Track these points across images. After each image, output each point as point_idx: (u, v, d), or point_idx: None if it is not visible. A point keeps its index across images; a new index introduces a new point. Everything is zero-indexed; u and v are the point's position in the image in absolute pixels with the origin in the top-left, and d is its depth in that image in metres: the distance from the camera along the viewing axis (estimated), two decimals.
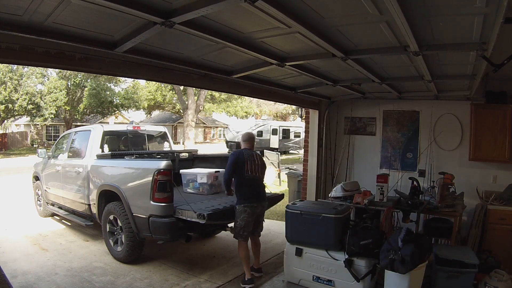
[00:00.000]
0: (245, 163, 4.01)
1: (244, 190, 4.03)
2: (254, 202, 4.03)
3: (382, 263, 3.38)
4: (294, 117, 39.31)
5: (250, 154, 4.10)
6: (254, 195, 4.07)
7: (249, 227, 4.03)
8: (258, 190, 4.12)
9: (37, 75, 23.12)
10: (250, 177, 4.02)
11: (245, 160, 4.03)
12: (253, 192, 4.07)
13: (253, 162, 4.06)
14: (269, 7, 1.93)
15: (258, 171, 4.09)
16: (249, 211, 4.00)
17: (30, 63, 3.01)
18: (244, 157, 4.04)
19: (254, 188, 4.07)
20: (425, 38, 2.59)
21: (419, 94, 5.18)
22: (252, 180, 4.05)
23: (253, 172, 4.04)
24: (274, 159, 12.08)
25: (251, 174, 4.03)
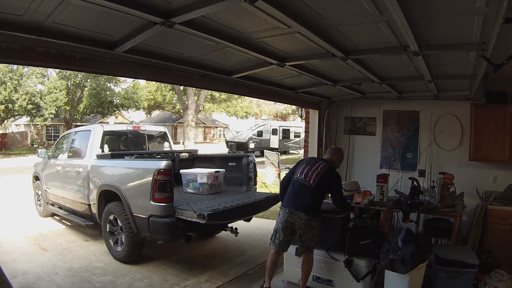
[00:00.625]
0: (300, 165, 3.72)
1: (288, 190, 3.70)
2: (286, 206, 3.57)
3: (382, 263, 3.38)
4: (294, 117, 39.31)
5: (314, 160, 3.76)
6: (290, 199, 3.58)
7: (280, 235, 3.54)
8: (299, 196, 3.54)
9: (37, 75, 23.14)
10: (297, 180, 3.60)
11: (303, 163, 3.73)
12: (291, 196, 3.59)
13: (310, 167, 3.62)
14: (269, 7, 1.93)
15: (311, 178, 3.54)
16: (281, 215, 3.59)
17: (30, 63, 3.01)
18: (304, 160, 3.81)
19: (296, 192, 3.57)
20: (425, 38, 2.59)
21: (419, 94, 5.18)
22: (298, 183, 3.59)
23: (305, 176, 3.57)
24: (274, 159, 12.08)
25: (300, 176, 3.59)
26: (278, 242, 3.56)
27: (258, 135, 24.59)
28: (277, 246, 3.57)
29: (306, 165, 3.65)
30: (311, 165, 3.62)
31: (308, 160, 3.79)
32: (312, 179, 3.53)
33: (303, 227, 3.45)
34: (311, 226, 3.47)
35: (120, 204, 4.62)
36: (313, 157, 3.84)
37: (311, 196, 3.49)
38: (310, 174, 3.56)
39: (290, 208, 3.51)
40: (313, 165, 3.62)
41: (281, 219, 3.55)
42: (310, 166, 3.61)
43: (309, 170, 3.58)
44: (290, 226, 3.51)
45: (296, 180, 3.62)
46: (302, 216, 3.44)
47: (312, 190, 3.50)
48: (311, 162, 3.68)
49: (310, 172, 3.56)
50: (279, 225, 3.56)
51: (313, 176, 3.54)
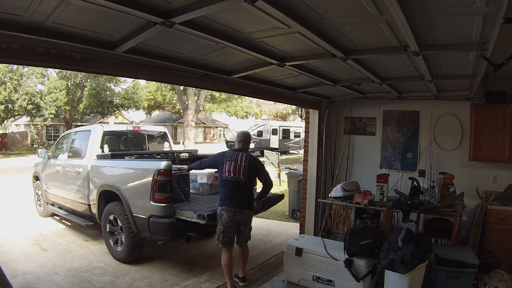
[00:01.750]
0: (223, 162, 3.82)
1: (222, 191, 3.85)
2: (231, 206, 3.76)
3: (382, 263, 3.39)
4: (294, 117, 39.33)
5: (234, 154, 3.86)
6: (232, 199, 3.77)
7: (227, 233, 3.80)
8: (239, 195, 3.79)
9: (37, 75, 23.14)
10: (228, 179, 3.78)
11: (225, 160, 3.83)
12: (231, 196, 3.77)
13: (235, 163, 3.78)
14: (269, 7, 1.93)
15: (240, 173, 3.77)
16: (225, 215, 3.75)
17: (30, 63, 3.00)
18: (225, 156, 3.87)
19: (233, 191, 3.78)
20: (425, 38, 2.58)
21: (419, 94, 5.17)
22: (230, 182, 3.78)
23: (233, 174, 3.76)
24: (274, 159, 12.09)
25: (229, 175, 3.77)
26: (226, 240, 3.81)
27: (258, 135, 24.60)
28: (225, 244, 3.82)
29: (230, 162, 3.79)
30: (235, 161, 3.78)
31: (228, 156, 3.86)
32: (241, 174, 3.76)
33: (246, 221, 3.89)
34: (251, 219, 3.96)
35: (120, 204, 4.63)
36: (228, 151, 3.95)
37: (247, 192, 3.86)
38: (238, 169, 3.76)
39: (235, 207, 3.76)
40: (236, 160, 3.78)
41: (226, 219, 3.75)
42: (234, 162, 3.77)
43: (235, 166, 3.77)
44: (235, 223, 3.82)
45: (227, 180, 3.78)
46: (245, 212, 3.83)
47: (245, 185, 3.81)
48: (232, 158, 3.81)
49: (237, 168, 3.76)
50: (225, 225, 3.76)
51: (241, 171, 3.76)
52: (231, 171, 3.77)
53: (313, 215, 5.80)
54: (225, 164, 3.81)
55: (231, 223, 3.78)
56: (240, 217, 3.80)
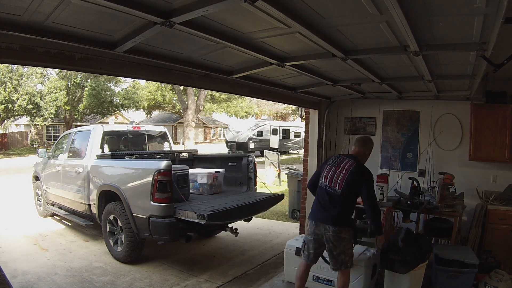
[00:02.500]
0: (325, 167, 3.28)
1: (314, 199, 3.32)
2: (314, 219, 3.21)
3: (382, 263, 3.39)
4: (294, 117, 39.32)
5: (338, 160, 3.27)
6: (317, 211, 3.22)
7: (309, 247, 3.26)
8: (324, 206, 3.16)
9: (37, 75, 23.15)
10: (322, 186, 3.22)
11: (327, 163, 3.30)
12: (318, 206, 3.23)
13: (335, 170, 3.18)
14: (269, 7, 1.93)
15: (337, 183, 3.12)
16: (309, 227, 3.26)
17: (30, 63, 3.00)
18: (329, 160, 3.34)
19: (321, 201, 3.20)
20: (425, 38, 2.58)
21: (419, 94, 5.17)
22: (322, 190, 3.21)
23: (329, 182, 3.17)
24: (274, 159, 12.09)
25: (325, 182, 3.20)
26: (307, 254, 3.29)
27: (258, 135, 24.60)
28: (307, 257, 3.30)
29: (330, 167, 3.23)
30: (336, 166, 3.19)
31: (333, 160, 3.32)
32: (337, 184, 3.11)
33: (333, 240, 3.08)
34: (341, 238, 3.08)
35: (120, 204, 4.63)
36: (339, 155, 3.40)
37: (338, 205, 3.10)
38: (336, 177, 3.14)
39: (316, 220, 3.18)
40: (338, 166, 3.18)
41: (309, 231, 3.26)
42: (335, 168, 3.18)
43: (334, 173, 3.16)
44: (318, 239, 3.19)
45: (320, 187, 3.24)
46: (330, 228, 3.08)
47: (339, 197, 3.10)
48: (335, 162, 3.24)
49: (336, 175, 3.14)
50: (308, 237, 3.28)
51: (338, 180, 3.12)
52: (327, 177, 3.19)
53: None
54: (325, 168, 3.26)
55: (312, 236, 3.23)
56: (323, 233, 3.13)
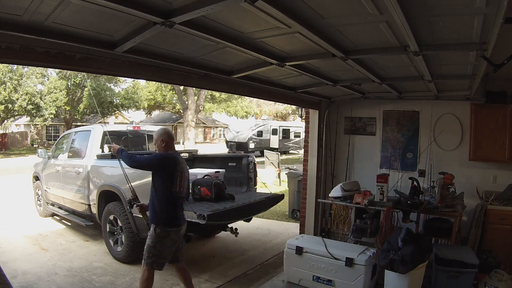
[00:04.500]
0: (176, 174, 3.15)
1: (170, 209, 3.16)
2: (179, 226, 3.23)
3: (382, 263, 3.39)
4: (294, 117, 39.31)
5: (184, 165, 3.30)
6: (180, 217, 3.27)
7: (169, 255, 3.22)
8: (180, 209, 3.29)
9: (37, 75, 23.13)
10: (178, 196, 3.20)
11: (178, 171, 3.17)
12: (180, 214, 3.27)
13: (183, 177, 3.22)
14: (269, 7, 1.93)
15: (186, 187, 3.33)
16: (173, 236, 3.17)
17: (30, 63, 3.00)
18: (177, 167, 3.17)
19: (180, 208, 3.28)
20: (425, 38, 2.59)
21: (419, 94, 5.17)
22: (180, 199, 3.26)
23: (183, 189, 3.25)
24: (274, 159, 12.09)
25: (180, 190, 3.19)
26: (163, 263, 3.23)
27: (258, 135, 24.59)
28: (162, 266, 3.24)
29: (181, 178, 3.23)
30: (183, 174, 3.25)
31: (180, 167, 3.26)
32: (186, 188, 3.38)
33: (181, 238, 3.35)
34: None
35: (120, 204, 4.63)
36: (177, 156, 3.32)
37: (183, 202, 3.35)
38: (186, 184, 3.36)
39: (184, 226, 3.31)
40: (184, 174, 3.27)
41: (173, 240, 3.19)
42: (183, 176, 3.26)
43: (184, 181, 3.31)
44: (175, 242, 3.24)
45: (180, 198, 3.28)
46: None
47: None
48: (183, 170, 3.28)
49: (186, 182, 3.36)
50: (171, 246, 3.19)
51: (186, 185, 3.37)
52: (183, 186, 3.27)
53: (313, 215, 5.79)
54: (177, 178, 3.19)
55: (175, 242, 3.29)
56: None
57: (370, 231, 4.17)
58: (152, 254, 3.14)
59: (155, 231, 3.13)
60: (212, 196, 4.56)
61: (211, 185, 4.62)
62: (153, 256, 3.14)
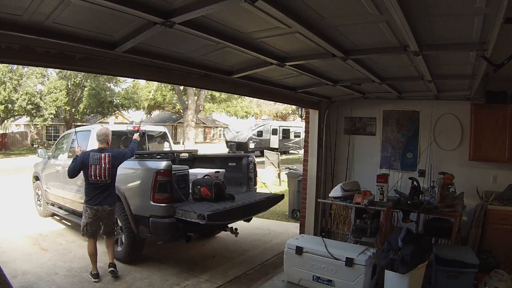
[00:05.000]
0: (89, 167, 4.08)
1: (87, 191, 4.17)
2: (94, 205, 4.13)
3: (382, 263, 3.39)
4: (294, 117, 39.30)
5: (96, 157, 4.12)
6: (95, 199, 4.14)
7: (91, 226, 4.18)
8: (100, 194, 4.15)
9: (37, 75, 23.11)
10: (94, 182, 4.10)
11: (90, 163, 4.09)
12: (95, 196, 4.14)
13: (100, 167, 4.10)
14: (269, 7, 1.93)
15: (105, 176, 4.11)
16: (89, 212, 4.14)
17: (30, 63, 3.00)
18: (89, 159, 4.10)
19: (97, 192, 4.13)
20: (425, 38, 2.58)
21: (419, 94, 5.17)
22: (95, 184, 4.12)
23: (99, 177, 4.10)
24: (274, 159, 12.09)
25: (95, 179, 4.10)
26: (90, 233, 4.21)
27: (258, 135, 24.58)
28: (90, 235, 4.23)
29: (95, 168, 4.08)
30: (99, 164, 4.09)
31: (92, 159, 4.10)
32: (105, 176, 4.11)
33: (106, 217, 4.23)
34: (112, 214, 4.32)
35: (120, 204, 4.62)
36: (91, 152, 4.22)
37: (111, 191, 4.23)
38: (102, 172, 4.10)
39: (99, 206, 4.15)
40: (100, 163, 4.09)
41: (90, 215, 4.15)
42: (99, 165, 4.08)
43: (100, 170, 4.09)
44: (97, 218, 4.18)
45: (94, 183, 4.12)
46: (107, 209, 4.19)
47: (109, 185, 4.18)
48: (96, 161, 4.09)
49: (102, 171, 4.10)
50: (89, 219, 4.16)
51: (105, 173, 4.11)
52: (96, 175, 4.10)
53: (313, 215, 5.80)
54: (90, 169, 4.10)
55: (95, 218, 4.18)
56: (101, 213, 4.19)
57: (370, 231, 4.17)
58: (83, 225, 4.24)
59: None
60: (212, 196, 4.57)
61: (211, 185, 4.62)
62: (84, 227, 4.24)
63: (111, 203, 4.25)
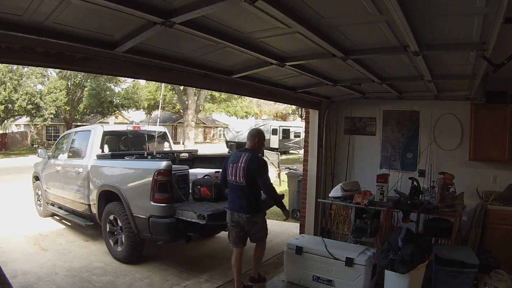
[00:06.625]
0: (227, 166, 3.77)
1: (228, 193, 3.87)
2: (229, 209, 3.78)
3: (382, 263, 3.38)
4: (294, 117, 39.29)
5: (237, 156, 3.75)
6: (230, 202, 3.80)
7: (232, 234, 3.82)
8: (233, 198, 3.76)
9: (37, 75, 23.10)
10: (231, 182, 3.74)
11: (228, 163, 3.77)
12: (230, 199, 3.81)
13: (236, 166, 3.69)
14: (269, 7, 1.93)
15: (239, 176, 3.66)
16: (228, 216, 3.79)
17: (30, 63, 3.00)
18: (228, 160, 3.80)
19: (231, 194, 3.78)
20: (425, 38, 2.58)
21: (419, 94, 5.17)
22: (232, 185, 3.74)
23: (234, 177, 3.69)
24: (274, 159, 12.08)
25: (232, 178, 3.72)
26: (232, 240, 3.82)
27: None
28: (233, 244, 3.83)
29: (232, 164, 3.71)
30: (236, 163, 3.69)
31: (233, 157, 3.77)
32: (240, 176, 3.64)
33: (247, 225, 3.72)
34: (254, 222, 3.73)
35: (120, 204, 4.63)
36: (236, 151, 3.90)
37: (245, 196, 3.66)
38: (237, 172, 3.66)
39: (232, 211, 3.74)
40: (237, 162, 3.68)
41: (228, 219, 3.79)
42: (236, 164, 3.68)
43: (236, 169, 3.67)
44: (236, 224, 3.75)
45: (230, 183, 3.76)
46: (243, 216, 3.67)
47: (244, 188, 3.64)
48: (235, 159, 3.71)
49: (237, 170, 3.66)
50: (229, 225, 3.80)
51: (239, 173, 3.65)
52: (232, 174, 3.71)
53: (313, 215, 5.80)
54: (229, 167, 3.75)
55: (233, 224, 3.78)
56: (239, 220, 3.72)
57: (370, 231, 4.17)
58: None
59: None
60: (212, 196, 4.57)
61: (211, 185, 4.62)
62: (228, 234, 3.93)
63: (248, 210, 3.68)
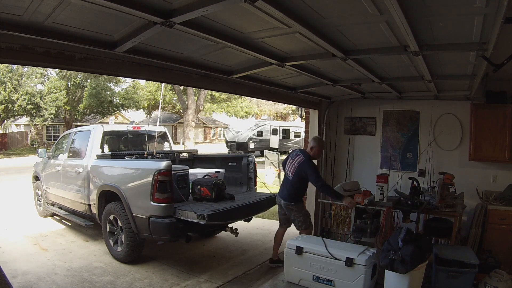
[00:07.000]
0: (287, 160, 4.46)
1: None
2: (278, 194, 4.50)
3: (382, 263, 3.38)
4: (294, 117, 39.30)
5: (295, 154, 4.38)
6: (280, 189, 4.52)
7: (279, 214, 4.60)
8: (282, 186, 4.47)
9: (37, 75, 23.11)
10: (285, 172, 4.45)
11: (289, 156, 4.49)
12: (281, 186, 4.53)
13: (292, 162, 4.35)
14: (269, 7, 1.93)
15: (290, 172, 4.33)
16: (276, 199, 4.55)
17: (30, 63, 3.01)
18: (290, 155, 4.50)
19: (283, 183, 4.48)
20: (425, 38, 2.59)
21: (419, 94, 5.17)
22: (285, 176, 4.47)
23: (288, 171, 4.39)
24: (274, 159, 12.08)
25: (286, 171, 4.43)
26: (279, 219, 4.61)
27: (258, 135, 24.58)
28: (279, 222, 4.62)
29: (290, 160, 4.37)
30: (292, 160, 4.33)
31: (293, 154, 4.41)
32: (291, 172, 4.32)
33: (286, 209, 4.40)
34: (290, 209, 4.36)
35: (120, 204, 4.62)
36: (297, 150, 4.53)
37: (289, 187, 4.32)
38: (290, 168, 4.32)
39: (278, 195, 4.48)
40: (293, 160, 4.31)
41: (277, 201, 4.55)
42: (292, 161, 4.32)
43: (290, 165, 4.33)
44: (280, 207, 4.50)
45: (285, 173, 4.50)
46: (282, 201, 4.39)
47: (291, 181, 4.31)
48: (293, 157, 4.35)
49: (291, 166, 4.32)
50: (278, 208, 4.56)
51: (291, 169, 4.31)
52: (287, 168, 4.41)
53: (313, 215, 5.80)
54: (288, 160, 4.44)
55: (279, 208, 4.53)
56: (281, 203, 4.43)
57: (370, 231, 4.16)
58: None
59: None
60: (212, 196, 4.57)
61: (211, 185, 4.62)
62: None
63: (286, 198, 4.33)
